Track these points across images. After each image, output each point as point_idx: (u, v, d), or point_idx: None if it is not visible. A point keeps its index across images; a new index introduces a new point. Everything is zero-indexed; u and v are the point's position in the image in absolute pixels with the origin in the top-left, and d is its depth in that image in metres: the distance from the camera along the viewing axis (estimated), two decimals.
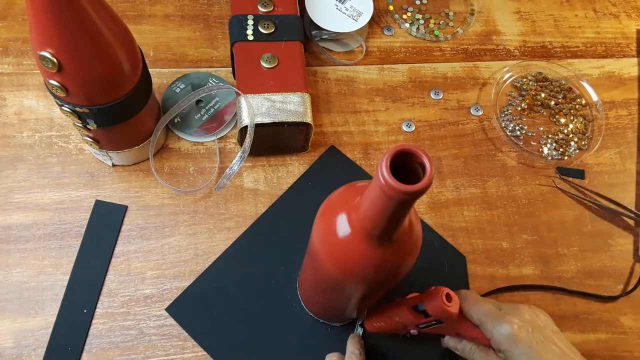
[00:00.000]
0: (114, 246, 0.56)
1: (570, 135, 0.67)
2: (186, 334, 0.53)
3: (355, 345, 0.51)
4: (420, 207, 0.62)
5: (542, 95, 0.70)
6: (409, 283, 0.54)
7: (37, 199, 0.57)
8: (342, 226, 0.36)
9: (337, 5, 0.67)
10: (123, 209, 0.58)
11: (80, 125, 0.50)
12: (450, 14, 0.74)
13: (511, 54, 0.73)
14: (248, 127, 0.55)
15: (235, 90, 0.58)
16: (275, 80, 0.58)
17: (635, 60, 0.74)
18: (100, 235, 0.56)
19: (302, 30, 0.62)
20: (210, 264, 0.56)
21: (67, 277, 0.54)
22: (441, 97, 0.68)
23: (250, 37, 0.60)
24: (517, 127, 0.67)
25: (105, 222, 0.57)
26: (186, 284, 0.55)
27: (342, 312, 0.50)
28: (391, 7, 0.74)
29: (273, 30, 0.60)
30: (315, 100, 0.66)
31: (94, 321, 0.53)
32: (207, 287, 0.55)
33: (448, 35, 0.72)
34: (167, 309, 0.54)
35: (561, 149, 0.66)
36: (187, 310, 0.54)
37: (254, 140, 0.56)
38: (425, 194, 0.61)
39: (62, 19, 0.40)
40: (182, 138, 0.62)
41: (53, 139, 0.60)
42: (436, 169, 0.64)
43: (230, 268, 0.56)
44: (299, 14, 0.62)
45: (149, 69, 0.58)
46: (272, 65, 0.58)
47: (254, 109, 0.56)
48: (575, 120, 0.68)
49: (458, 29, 0.73)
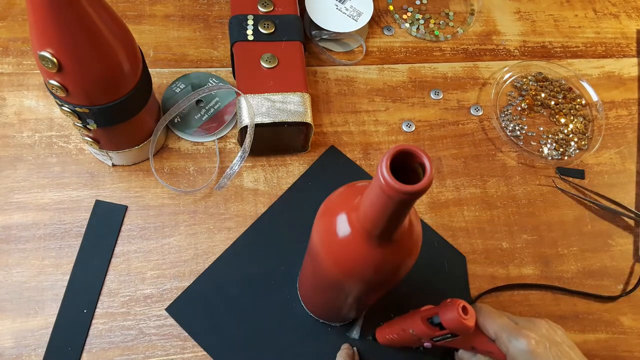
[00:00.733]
0: (114, 246, 0.56)
1: (570, 135, 0.67)
2: (186, 334, 0.53)
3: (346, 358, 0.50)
4: (420, 207, 0.62)
5: (542, 95, 0.70)
6: (409, 283, 0.54)
7: (37, 199, 0.57)
8: (342, 226, 0.36)
9: (337, 5, 0.67)
10: (123, 209, 0.58)
11: (80, 125, 0.50)
12: (450, 14, 0.74)
13: (511, 54, 0.73)
14: (248, 127, 0.55)
15: (235, 90, 0.58)
16: (275, 80, 0.58)
17: (635, 60, 0.74)
18: (100, 235, 0.56)
19: (302, 30, 0.62)
20: (210, 264, 0.56)
21: (67, 277, 0.54)
22: (441, 97, 0.68)
23: (250, 37, 0.60)
24: (517, 127, 0.67)
25: (105, 222, 0.57)
26: (186, 284, 0.55)
27: (342, 312, 0.50)
28: (391, 7, 0.74)
29: (273, 30, 0.60)
30: (315, 100, 0.66)
31: (94, 321, 0.53)
32: (207, 287, 0.55)
33: (448, 35, 0.72)
34: (167, 309, 0.54)
35: (561, 149, 0.66)
36: (187, 310, 0.54)
37: (254, 140, 0.56)
38: (425, 194, 0.61)
39: (62, 19, 0.40)
40: (182, 138, 0.62)
41: (53, 139, 0.60)
42: (436, 169, 0.64)
43: (230, 268, 0.56)
44: (299, 14, 0.62)
45: (149, 69, 0.58)
46: (272, 65, 0.58)
47: (254, 109, 0.56)
48: (575, 120, 0.68)
49: (458, 29, 0.73)
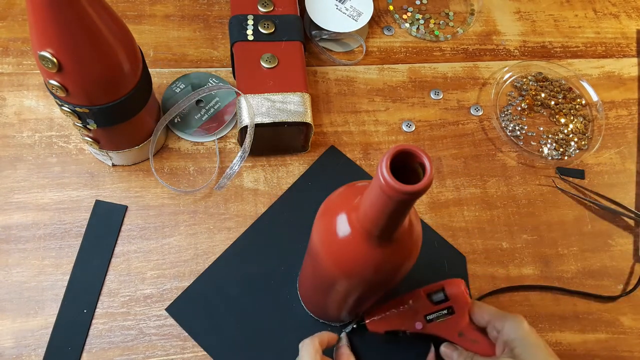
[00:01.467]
0: (114, 246, 0.56)
1: (570, 135, 0.67)
2: (186, 334, 0.53)
3: None
4: (420, 207, 0.62)
5: (542, 95, 0.69)
6: (409, 283, 0.54)
7: (37, 199, 0.57)
8: (342, 226, 0.36)
9: (337, 5, 0.67)
10: (123, 209, 0.58)
11: (80, 125, 0.50)
12: (450, 14, 0.74)
13: (511, 54, 0.73)
14: (248, 127, 0.55)
15: (235, 90, 0.58)
16: (275, 80, 0.58)
17: (635, 60, 0.74)
18: (100, 235, 0.56)
19: (302, 30, 0.62)
20: (210, 264, 0.56)
21: (67, 277, 0.54)
22: (441, 97, 0.68)
23: (250, 37, 0.60)
24: (517, 127, 0.67)
25: (105, 222, 0.57)
26: (186, 284, 0.55)
27: (342, 312, 0.50)
28: (391, 7, 0.74)
29: (273, 30, 0.60)
30: (315, 100, 0.66)
31: (94, 321, 0.53)
32: (207, 287, 0.55)
33: (448, 35, 0.72)
34: (167, 309, 0.54)
35: (561, 149, 0.66)
36: (187, 310, 0.54)
37: (254, 140, 0.56)
38: (425, 194, 0.61)
39: (62, 19, 0.40)
40: (182, 138, 0.62)
41: (53, 139, 0.60)
42: (436, 169, 0.64)
43: (230, 268, 0.56)
44: (299, 14, 0.62)
45: (149, 69, 0.58)
46: (272, 65, 0.58)
47: (254, 109, 0.56)
48: (575, 120, 0.68)
49: (458, 29, 0.73)
